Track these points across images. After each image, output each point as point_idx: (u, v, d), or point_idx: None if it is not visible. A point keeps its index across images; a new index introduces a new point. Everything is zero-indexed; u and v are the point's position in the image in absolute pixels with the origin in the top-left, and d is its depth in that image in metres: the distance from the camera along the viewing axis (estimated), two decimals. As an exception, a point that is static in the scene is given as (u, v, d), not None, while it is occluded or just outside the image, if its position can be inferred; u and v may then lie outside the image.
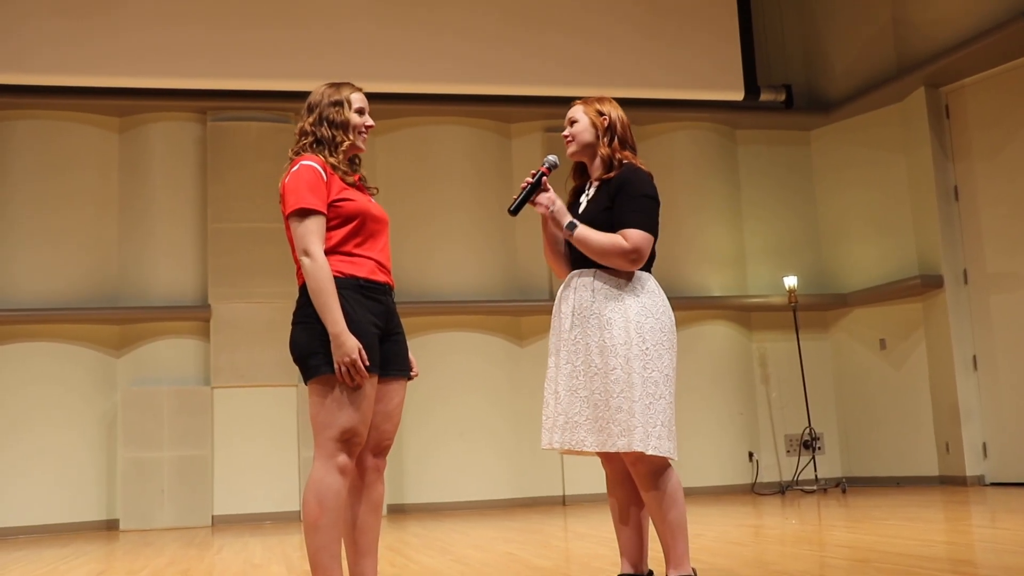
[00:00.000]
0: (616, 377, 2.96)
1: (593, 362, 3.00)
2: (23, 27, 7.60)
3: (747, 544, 4.73)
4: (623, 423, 2.93)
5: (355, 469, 3.00)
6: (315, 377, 2.88)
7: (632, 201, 3.07)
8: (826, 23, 9.30)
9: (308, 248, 2.87)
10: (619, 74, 8.50)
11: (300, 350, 2.91)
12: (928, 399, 8.18)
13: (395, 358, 3.04)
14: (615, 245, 3.04)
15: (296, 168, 2.96)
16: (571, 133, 3.23)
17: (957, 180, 8.12)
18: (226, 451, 7.74)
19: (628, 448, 2.92)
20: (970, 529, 4.94)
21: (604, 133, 3.19)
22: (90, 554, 5.80)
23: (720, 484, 8.44)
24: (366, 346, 2.86)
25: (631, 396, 2.93)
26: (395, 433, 3.08)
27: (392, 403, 3.04)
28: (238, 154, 8.09)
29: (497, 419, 8.24)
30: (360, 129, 3.08)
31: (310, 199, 2.89)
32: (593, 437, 2.98)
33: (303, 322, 2.91)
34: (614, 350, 2.98)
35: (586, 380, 3.02)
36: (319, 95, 3.08)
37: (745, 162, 9.26)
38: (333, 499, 2.85)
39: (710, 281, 8.81)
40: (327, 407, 2.88)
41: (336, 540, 2.86)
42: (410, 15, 8.22)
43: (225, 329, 7.86)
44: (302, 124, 3.08)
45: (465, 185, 8.54)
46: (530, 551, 4.81)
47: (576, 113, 3.25)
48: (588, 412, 3.00)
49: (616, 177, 3.13)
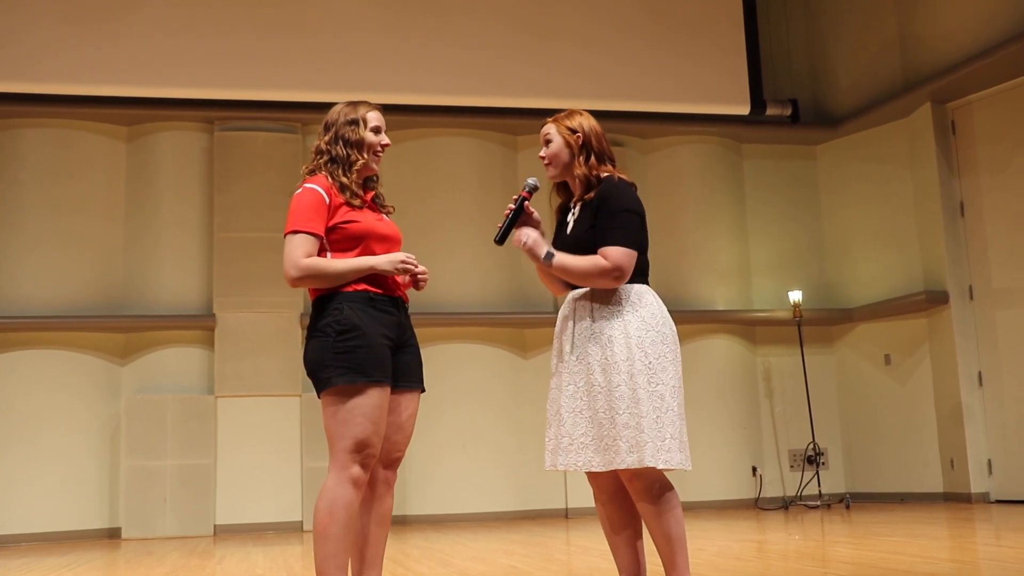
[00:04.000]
0: (620, 394, 2.94)
1: (596, 381, 2.98)
2: (32, 35, 7.63)
3: (750, 559, 4.71)
4: (631, 439, 2.90)
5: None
6: (327, 389, 2.92)
7: (611, 218, 3.03)
8: (832, 38, 9.31)
9: (295, 263, 2.95)
10: (625, 87, 8.52)
11: (312, 363, 2.96)
12: (933, 415, 8.16)
13: (408, 369, 3.07)
14: (595, 266, 2.99)
15: (300, 191, 3.04)
16: (547, 155, 3.17)
17: (963, 196, 8.12)
18: (229, 460, 7.74)
19: (639, 464, 2.88)
20: (975, 547, 4.92)
21: (579, 151, 3.13)
22: (92, 562, 5.79)
23: (723, 499, 8.42)
24: (376, 358, 2.90)
25: (638, 412, 2.91)
26: (406, 445, 3.10)
27: (404, 415, 3.06)
28: (245, 164, 8.11)
29: (500, 431, 8.23)
30: (376, 149, 3.13)
31: (304, 222, 2.97)
32: (600, 457, 2.94)
33: (316, 335, 2.97)
34: (616, 367, 2.96)
35: (589, 400, 2.98)
36: (336, 113, 3.13)
37: (751, 176, 9.26)
38: (343, 510, 2.87)
39: (715, 295, 8.80)
40: (340, 419, 2.90)
41: (344, 551, 2.88)
42: (417, 26, 8.24)
43: (230, 338, 7.87)
44: (318, 143, 3.14)
45: (471, 197, 8.54)
46: (532, 564, 4.80)
47: (549, 132, 3.18)
48: (593, 432, 2.96)
49: (596, 195, 3.08)
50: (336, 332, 2.92)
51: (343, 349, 2.90)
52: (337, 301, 2.96)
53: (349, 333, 2.91)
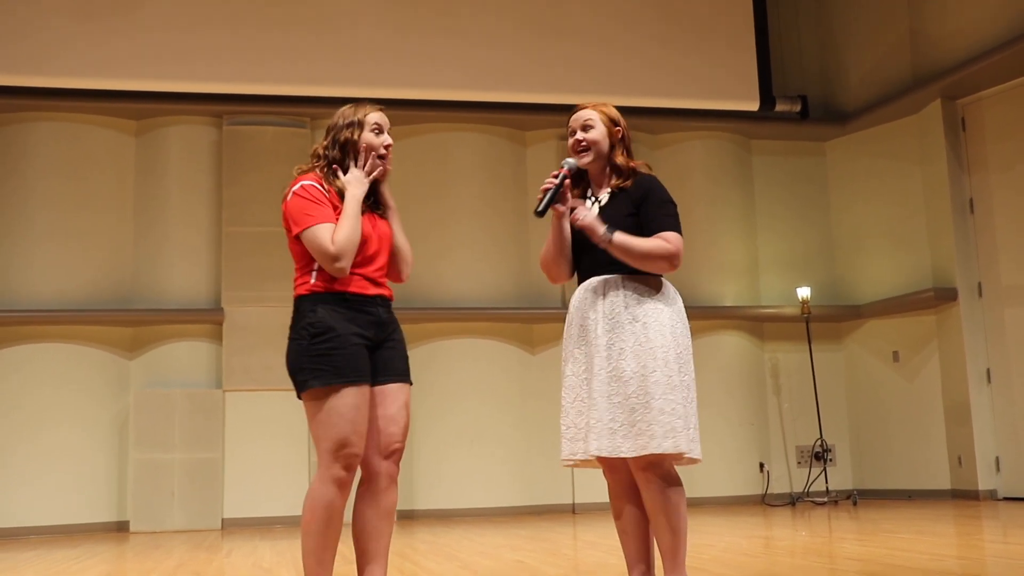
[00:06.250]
0: (656, 380, 2.95)
1: (628, 366, 2.97)
2: (42, 30, 7.65)
3: (757, 555, 4.71)
4: (667, 425, 2.91)
5: (366, 475, 3.03)
6: (304, 391, 2.95)
7: (661, 207, 3.09)
8: (842, 34, 9.28)
9: (327, 252, 2.92)
10: (634, 83, 8.51)
11: (290, 366, 2.99)
12: (941, 412, 8.14)
13: (390, 363, 3.07)
14: (660, 247, 3.04)
15: (296, 188, 3.03)
16: (588, 140, 3.16)
17: (972, 193, 8.09)
18: (237, 454, 7.76)
19: (675, 450, 2.92)
20: (982, 544, 4.91)
21: (619, 143, 3.18)
22: (100, 555, 5.82)
23: (730, 495, 8.41)
24: (349, 356, 2.92)
25: (673, 398, 2.94)
26: (404, 436, 3.08)
27: (394, 406, 3.05)
28: (254, 158, 8.12)
29: (507, 426, 8.24)
30: (379, 151, 3.10)
31: (320, 216, 2.96)
32: (630, 442, 2.93)
33: (293, 338, 2.99)
34: (652, 353, 2.97)
35: (620, 385, 2.97)
36: (338, 116, 3.13)
37: (760, 172, 9.24)
38: (323, 509, 2.90)
39: (723, 291, 8.79)
40: (319, 420, 2.93)
41: (324, 547, 2.91)
42: (426, 22, 8.24)
43: (238, 332, 7.88)
44: (316, 147, 3.15)
45: (479, 192, 8.54)
46: (539, 559, 4.80)
47: (591, 119, 3.18)
48: (624, 417, 2.95)
49: (637, 185, 3.12)
50: (311, 335, 2.93)
51: (318, 352, 2.91)
52: (311, 302, 2.97)
53: (323, 336, 2.92)
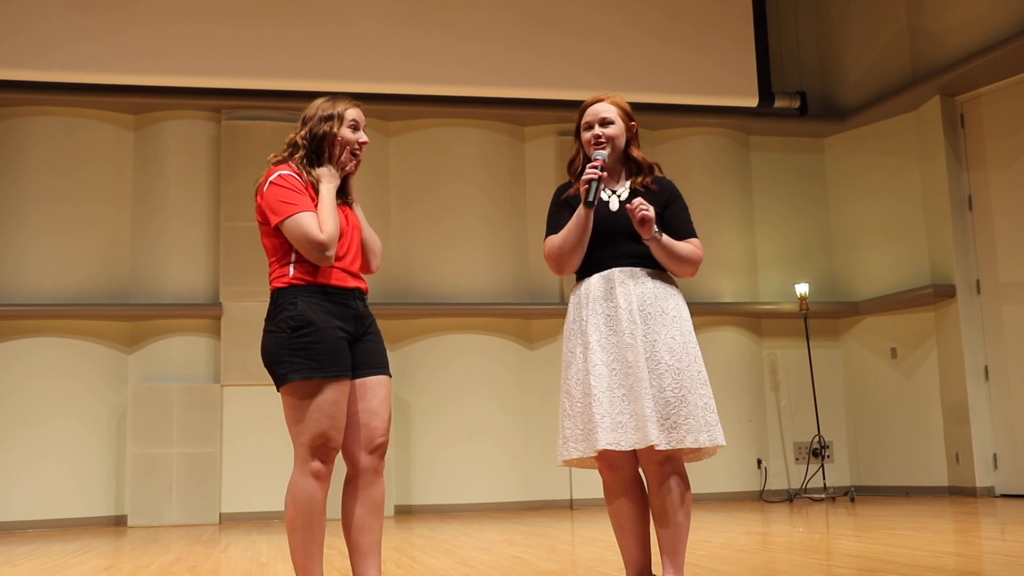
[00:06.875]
0: (691, 374, 2.99)
1: (662, 359, 2.98)
2: (40, 24, 7.64)
3: (755, 552, 4.72)
4: (702, 419, 2.96)
5: (351, 471, 3.01)
6: (283, 385, 2.92)
7: (685, 212, 3.19)
8: (841, 30, 9.27)
9: (315, 240, 2.89)
10: (633, 79, 8.50)
11: (268, 358, 2.94)
12: (939, 409, 8.14)
13: (370, 356, 3.04)
14: (695, 253, 3.14)
15: (274, 177, 2.99)
16: (608, 136, 3.14)
17: (971, 189, 8.09)
18: (235, 449, 7.76)
19: (712, 443, 2.96)
20: (979, 540, 4.92)
21: (634, 137, 3.22)
22: (97, 549, 5.82)
23: (728, 491, 8.42)
24: (331, 350, 2.89)
25: (706, 393, 3.01)
26: (387, 430, 3.04)
27: (375, 400, 3.03)
28: (252, 153, 8.10)
29: (506, 422, 8.24)
30: (353, 147, 3.07)
31: (299, 204, 2.93)
32: (667, 435, 2.93)
33: (271, 330, 2.94)
34: (685, 347, 3.03)
35: (654, 377, 2.97)
36: (314, 108, 3.09)
37: (758, 168, 9.23)
38: (305, 503, 2.88)
39: (721, 287, 8.79)
40: (297, 414, 2.90)
41: (312, 542, 2.89)
42: (425, 17, 8.23)
43: (236, 327, 7.88)
44: (292, 136, 3.09)
45: (478, 187, 8.54)
46: (536, 555, 4.81)
47: (611, 114, 3.16)
48: (659, 410, 2.94)
49: (662, 188, 3.18)
50: (291, 328, 2.88)
51: (298, 345, 2.87)
52: (291, 295, 2.92)
53: (304, 329, 2.88)
